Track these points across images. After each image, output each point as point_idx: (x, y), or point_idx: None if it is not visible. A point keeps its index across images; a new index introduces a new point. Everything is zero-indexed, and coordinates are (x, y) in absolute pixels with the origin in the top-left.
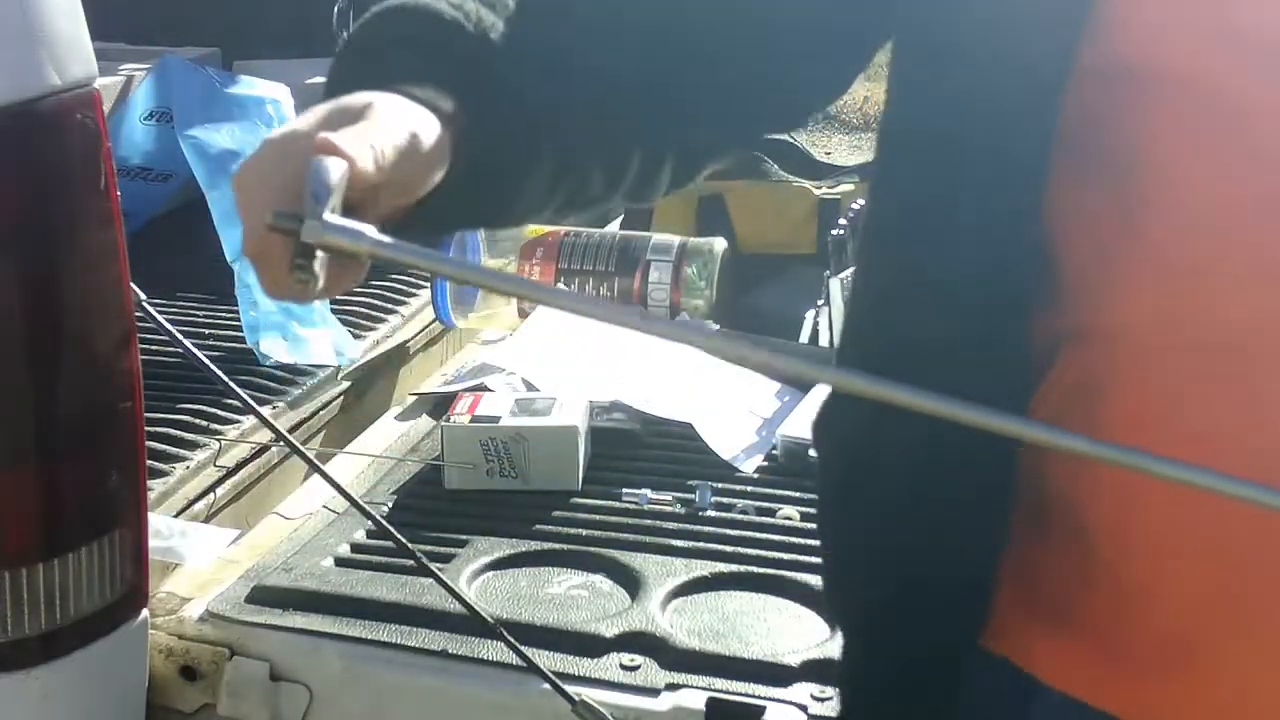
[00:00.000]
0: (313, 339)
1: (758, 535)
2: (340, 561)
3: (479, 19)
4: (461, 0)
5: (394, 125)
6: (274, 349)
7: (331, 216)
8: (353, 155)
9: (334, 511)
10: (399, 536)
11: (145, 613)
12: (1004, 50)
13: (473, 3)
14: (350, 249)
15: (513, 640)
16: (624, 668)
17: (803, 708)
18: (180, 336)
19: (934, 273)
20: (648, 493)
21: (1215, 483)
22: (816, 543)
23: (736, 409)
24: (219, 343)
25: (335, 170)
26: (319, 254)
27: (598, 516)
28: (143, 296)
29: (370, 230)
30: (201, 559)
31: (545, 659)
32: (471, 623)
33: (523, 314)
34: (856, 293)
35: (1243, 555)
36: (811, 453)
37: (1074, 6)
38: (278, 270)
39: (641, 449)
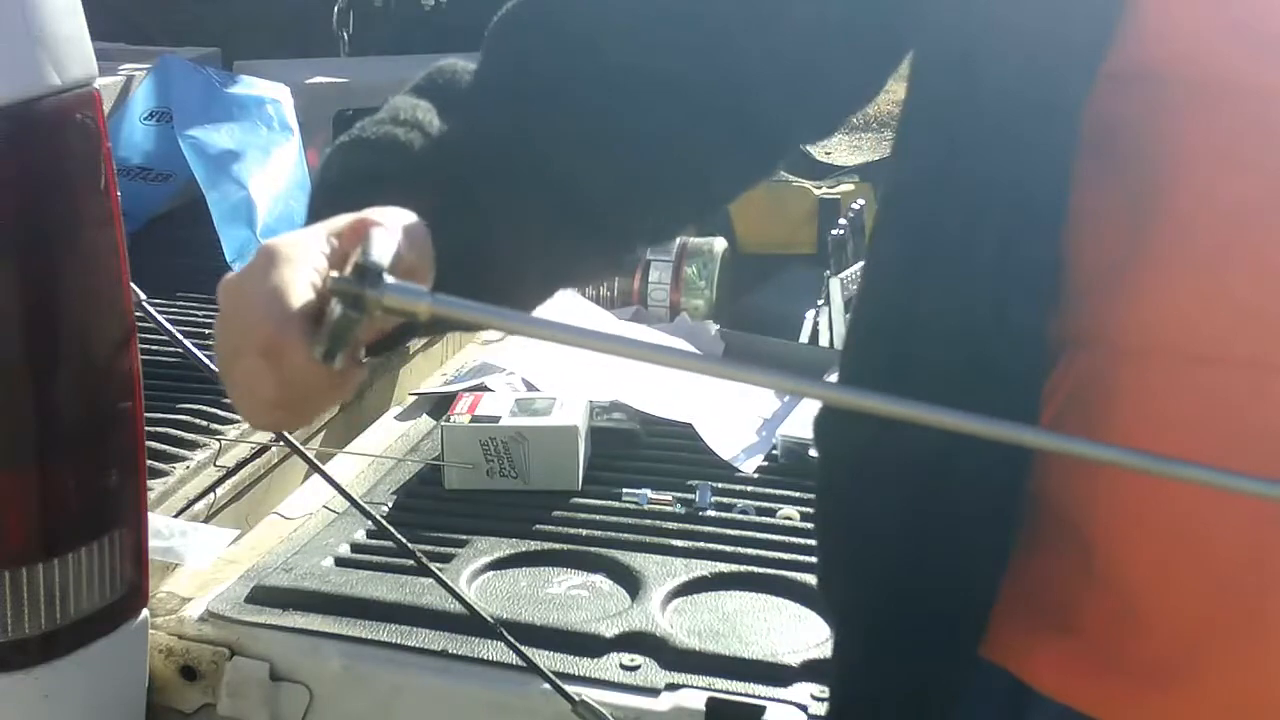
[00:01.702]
0: None
1: (758, 535)
2: (340, 561)
3: (433, 133)
4: (416, 114)
5: (404, 221)
6: None
7: (390, 279)
8: (399, 233)
9: (334, 511)
10: (399, 536)
11: (145, 613)
12: (1028, 54)
13: (435, 118)
14: (411, 308)
15: (513, 640)
16: (624, 668)
17: (803, 708)
18: (180, 336)
19: (945, 269)
20: (648, 493)
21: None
22: (816, 541)
23: (736, 409)
24: None
25: (389, 239)
26: (359, 332)
27: (598, 516)
28: (143, 296)
29: (426, 290)
30: (201, 559)
31: (545, 659)
32: (471, 623)
33: None
34: (864, 287)
35: (1240, 566)
36: (812, 452)
37: (1101, 12)
38: (293, 358)
39: (641, 449)
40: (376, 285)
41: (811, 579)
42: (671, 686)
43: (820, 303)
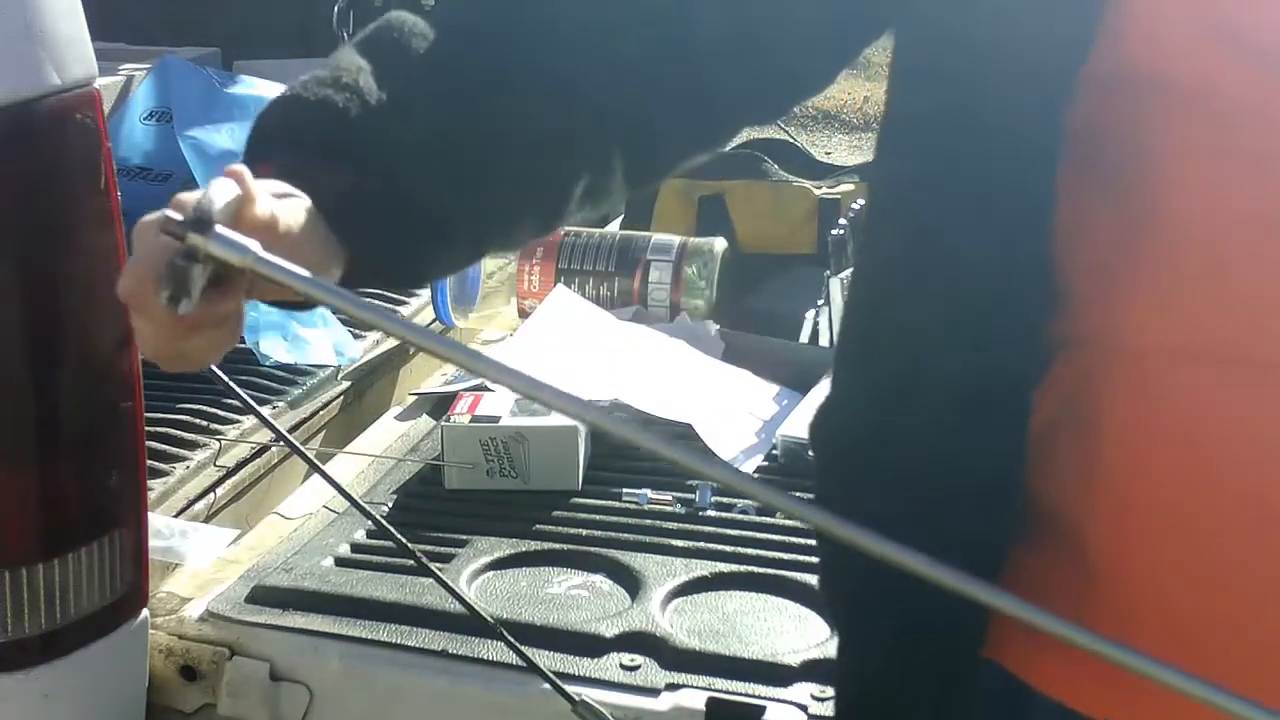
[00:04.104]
0: (313, 339)
1: (758, 535)
2: (340, 561)
3: (372, 103)
4: (358, 80)
5: (296, 214)
6: (274, 349)
7: (222, 228)
8: (253, 192)
9: (334, 511)
10: (399, 536)
11: (145, 613)
12: (1014, 56)
13: (369, 77)
14: (232, 260)
15: (513, 640)
16: (624, 668)
17: (803, 708)
18: None
19: (934, 271)
20: (648, 493)
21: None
22: (816, 543)
23: (736, 409)
24: None
25: (228, 191)
26: (198, 268)
27: (598, 516)
28: None
29: (256, 246)
30: (201, 559)
31: (545, 659)
32: (471, 623)
33: (523, 314)
34: (855, 287)
35: (1237, 568)
36: (811, 453)
37: (1083, 14)
38: (152, 310)
39: (641, 449)
40: (203, 231)
41: (812, 579)
42: (671, 686)
43: (820, 303)
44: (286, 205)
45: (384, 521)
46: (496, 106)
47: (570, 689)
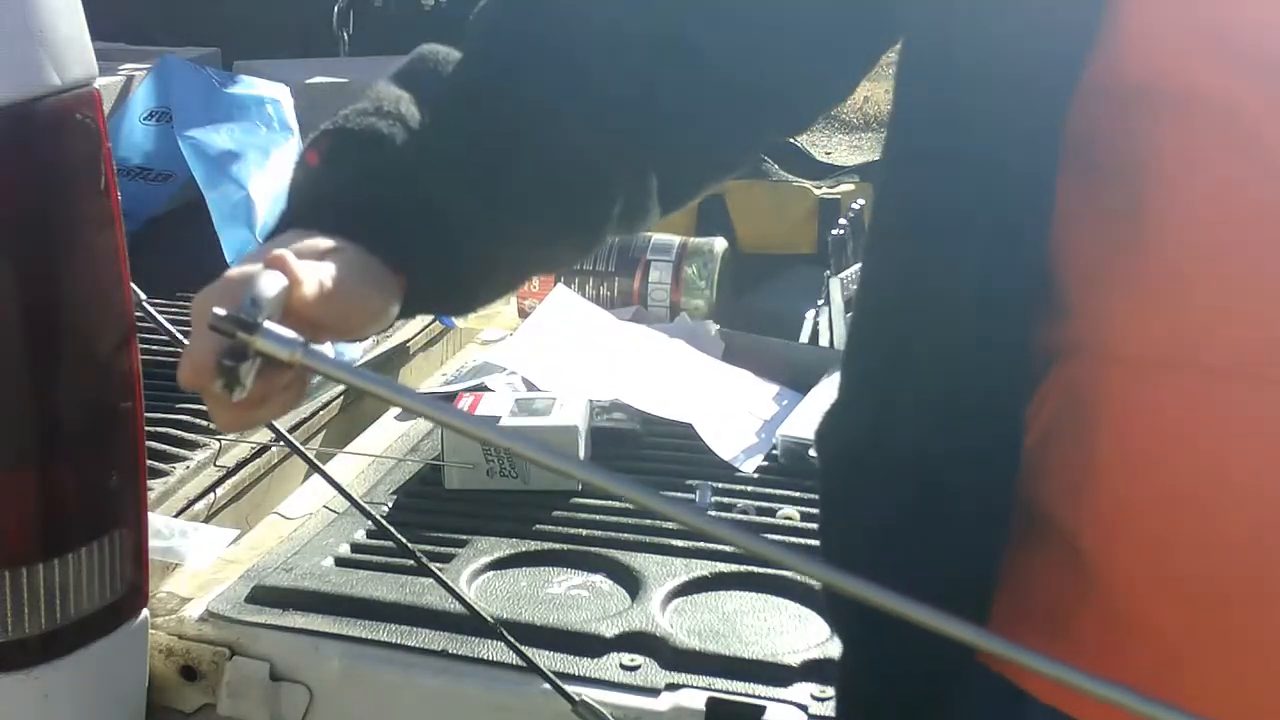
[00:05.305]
0: None
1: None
2: (340, 561)
3: (414, 127)
4: (399, 107)
5: (345, 272)
6: None
7: (270, 324)
8: (299, 277)
9: (334, 511)
10: (399, 536)
11: (145, 613)
12: (1007, 65)
13: (409, 105)
14: (280, 356)
15: (513, 640)
16: (624, 668)
17: (803, 708)
18: (180, 336)
19: (934, 280)
20: None
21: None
22: (817, 543)
23: (736, 409)
24: None
25: (275, 283)
26: (247, 364)
27: (598, 516)
28: (143, 296)
29: (299, 340)
30: (201, 559)
31: (545, 659)
32: (471, 623)
33: (523, 314)
34: (860, 296)
35: (1229, 578)
36: (812, 453)
37: (1079, 22)
38: (213, 394)
39: (641, 449)
40: (251, 331)
41: (811, 579)
42: (671, 686)
43: (820, 303)
44: (333, 264)
45: (384, 521)
46: (521, 110)
47: (570, 689)
